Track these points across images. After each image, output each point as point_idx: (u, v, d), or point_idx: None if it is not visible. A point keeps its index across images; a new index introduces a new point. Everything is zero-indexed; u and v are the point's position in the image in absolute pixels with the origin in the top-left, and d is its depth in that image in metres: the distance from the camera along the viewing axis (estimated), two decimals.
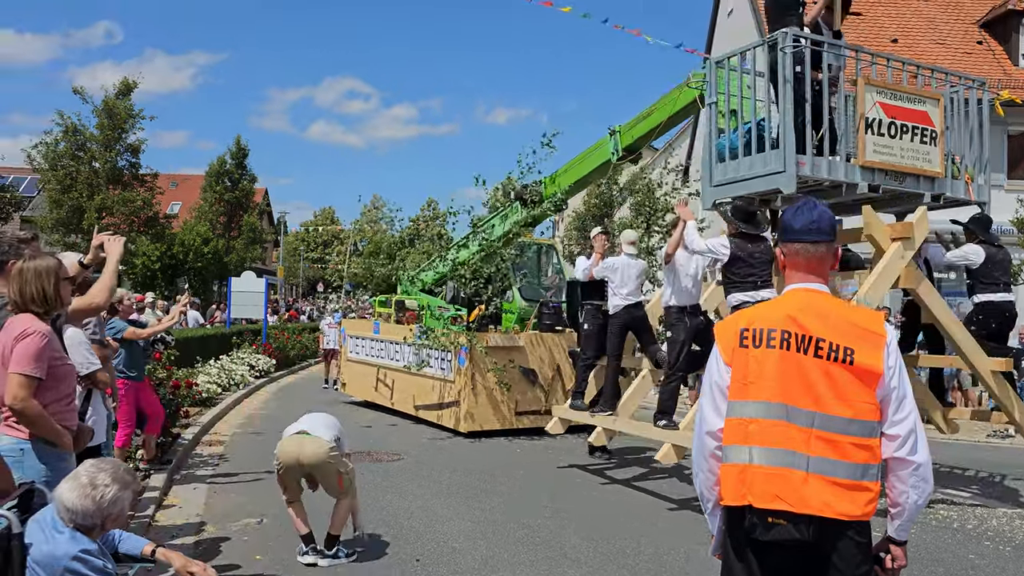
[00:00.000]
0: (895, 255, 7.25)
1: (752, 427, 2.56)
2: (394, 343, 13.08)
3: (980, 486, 8.87)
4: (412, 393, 12.48)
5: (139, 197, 30.07)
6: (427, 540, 6.23)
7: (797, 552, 2.50)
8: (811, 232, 2.68)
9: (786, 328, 2.57)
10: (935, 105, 7.62)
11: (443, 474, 8.68)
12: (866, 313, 2.66)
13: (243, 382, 15.56)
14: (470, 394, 11.07)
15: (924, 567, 5.93)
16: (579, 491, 8.10)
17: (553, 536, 6.42)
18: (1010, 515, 7.53)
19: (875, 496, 2.50)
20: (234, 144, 42.19)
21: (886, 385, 2.51)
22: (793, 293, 2.69)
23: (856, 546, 2.49)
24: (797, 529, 2.46)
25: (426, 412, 12.08)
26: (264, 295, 20.76)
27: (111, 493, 3.04)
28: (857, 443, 2.48)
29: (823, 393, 2.50)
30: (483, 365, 11.01)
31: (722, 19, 27.87)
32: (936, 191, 7.72)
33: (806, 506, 2.45)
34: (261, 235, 46.92)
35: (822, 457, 2.47)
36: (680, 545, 6.22)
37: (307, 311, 41.02)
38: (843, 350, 2.50)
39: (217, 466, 8.92)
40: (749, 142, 7.45)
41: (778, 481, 2.49)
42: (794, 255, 2.72)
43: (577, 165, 11.49)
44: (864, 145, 7.17)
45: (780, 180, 7.05)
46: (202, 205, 41.45)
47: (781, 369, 2.55)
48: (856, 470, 2.47)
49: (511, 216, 12.35)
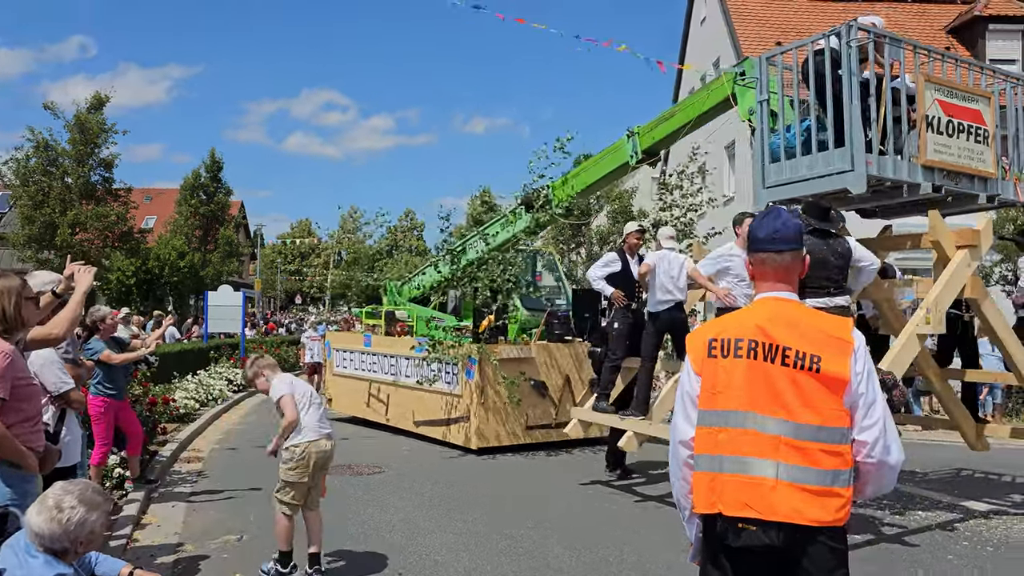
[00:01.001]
0: (962, 263, 6.96)
1: (721, 436, 2.59)
2: (389, 356, 12.49)
3: (958, 486, 8.95)
4: (411, 409, 11.89)
5: (113, 212, 29.80)
6: (409, 553, 6.19)
7: (769, 557, 2.53)
8: (776, 241, 2.71)
9: (754, 337, 2.60)
10: (987, 104, 7.36)
11: (424, 486, 8.63)
12: (834, 320, 2.67)
13: (221, 397, 15.42)
14: (480, 409, 10.53)
15: (903, 568, 5.98)
16: (562, 500, 8.09)
17: (536, 547, 6.40)
18: (988, 516, 7.60)
19: (847, 502, 2.52)
20: (209, 157, 42.03)
21: (854, 392, 2.53)
22: (762, 302, 2.72)
23: (830, 551, 2.51)
24: (767, 535, 2.49)
25: (429, 429, 11.48)
26: (241, 309, 20.63)
27: (78, 516, 2.99)
28: (827, 450, 2.50)
29: (791, 401, 2.52)
30: (494, 378, 10.53)
31: (695, 27, 28.14)
32: (990, 192, 7.45)
33: (774, 513, 2.48)
34: (238, 248, 46.66)
35: (791, 464, 2.49)
36: (663, 553, 6.22)
37: (286, 324, 40.76)
38: (810, 358, 2.52)
39: (195, 483, 8.82)
40: (807, 141, 7.09)
41: (747, 489, 2.52)
42: (761, 264, 2.74)
43: (591, 168, 11.02)
44: (925, 144, 6.88)
45: (848, 179, 6.70)
46: (177, 219, 41.20)
47: (749, 378, 2.57)
48: (826, 477, 2.49)
49: (514, 223, 11.83)
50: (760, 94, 7.49)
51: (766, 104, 7.44)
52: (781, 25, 23.35)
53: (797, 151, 7.15)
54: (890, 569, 5.98)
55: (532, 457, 10.43)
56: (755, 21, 23.50)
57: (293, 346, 24.98)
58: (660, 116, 9.98)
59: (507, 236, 11.94)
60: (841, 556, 2.54)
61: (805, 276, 6.70)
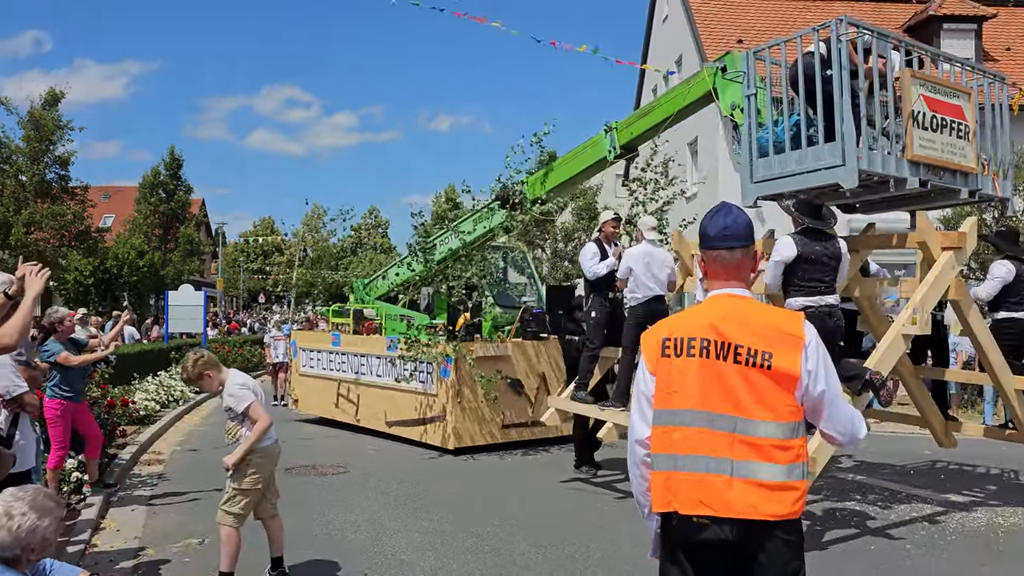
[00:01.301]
0: (947, 265, 6.97)
1: (676, 435, 2.61)
2: (360, 356, 12.24)
3: (915, 477, 9.13)
4: (383, 409, 11.65)
5: (69, 211, 29.18)
6: (374, 553, 6.15)
7: (726, 553, 2.55)
8: (726, 238, 2.72)
9: (706, 336, 2.61)
10: (967, 100, 7.39)
11: (390, 485, 8.59)
12: (786, 316, 2.68)
13: (183, 398, 15.21)
14: (456, 408, 10.36)
15: (859, 557, 6.07)
16: (531, 498, 8.09)
17: (502, 544, 6.40)
18: (944, 505, 7.76)
19: (803, 493, 2.55)
20: (168, 154, 41.37)
21: (805, 388, 2.56)
22: (714, 300, 2.73)
23: (784, 544, 2.54)
24: (722, 530, 2.51)
25: (403, 429, 11.24)
26: (203, 308, 20.34)
27: (28, 523, 2.92)
28: (780, 445, 2.53)
29: (743, 398, 2.54)
30: (470, 377, 10.36)
31: (657, 24, 28.30)
32: (971, 187, 7.47)
33: (730, 510, 2.50)
34: (199, 247, 46.03)
35: (746, 461, 2.52)
36: (630, 548, 6.25)
37: (248, 323, 40.31)
38: (761, 355, 2.54)
39: (156, 486, 8.69)
40: (796, 135, 7.06)
41: (702, 487, 2.54)
42: (712, 262, 2.76)
43: (567, 163, 10.91)
44: (912, 139, 6.88)
45: (839, 174, 6.68)
46: (136, 217, 40.53)
47: (702, 377, 2.59)
48: (781, 471, 2.52)
49: (487, 219, 11.67)
50: (747, 88, 7.45)
51: (754, 99, 7.41)
52: (742, 23, 23.58)
53: (786, 146, 7.13)
54: (846, 559, 6.07)
55: (508, 456, 10.37)
56: (717, 19, 23.70)
57: (256, 346, 24.74)
58: (638, 111, 9.90)
59: (482, 232, 11.76)
60: (796, 549, 2.57)
61: (797, 275, 6.65)
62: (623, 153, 10.08)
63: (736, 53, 8.46)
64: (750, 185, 7.46)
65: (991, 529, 6.92)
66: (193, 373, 5.29)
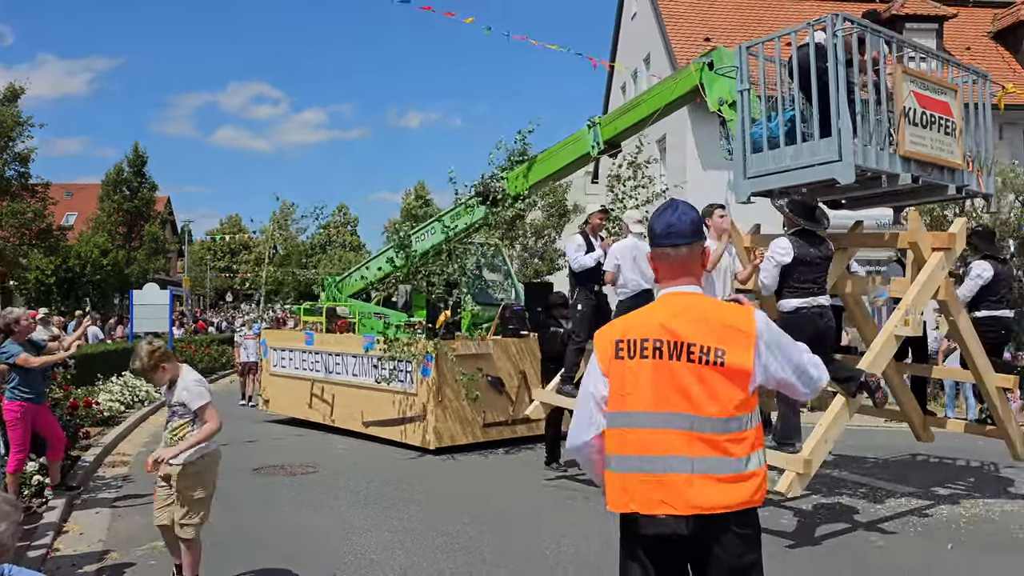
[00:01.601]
0: (937, 266, 7.00)
1: (631, 436, 2.62)
2: (335, 355, 11.99)
3: (882, 470, 9.27)
4: (360, 409, 11.39)
5: (30, 208, 28.70)
6: (344, 553, 6.10)
7: (683, 547, 2.57)
8: (671, 236, 2.72)
9: (659, 337, 2.62)
10: (954, 96, 7.43)
11: (359, 484, 8.53)
12: (736, 312, 2.67)
13: (148, 398, 14.96)
14: (437, 407, 10.18)
15: (829, 551, 6.15)
16: (502, 496, 8.09)
17: (472, 541, 6.38)
18: (912, 499, 7.88)
19: (762, 480, 2.58)
20: (132, 151, 40.78)
21: (760, 380, 2.59)
22: (665, 298, 2.74)
23: (738, 537, 2.55)
24: (678, 524, 2.53)
25: (381, 429, 11.01)
26: (169, 307, 20.03)
27: None
28: (736, 438, 2.55)
29: (697, 396, 2.55)
30: (451, 375, 10.17)
31: (626, 22, 28.41)
32: (958, 183, 7.51)
33: (690, 507, 2.51)
34: (164, 245, 45.47)
35: (704, 457, 2.53)
36: (600, 545, 6.26)
37: (215, 322, 39.85)
38: (715, 352, 2.55)
39: (120, 488, 8.54)
40: (791, 131, 7.02)
41: (661, 487, 2.55)
42: (660, 259, 2.76)
43: (550, 159, 10.79)
44: (904, 135, 6.89)
45: (836, 169, 6.64)
46: (99, 215, 39.93)
47: (656, 379, 2.60)
48: (740, 463, 2.54)
49: (466, 216, 11.47)
50: (740, 83, 7.40)
51: (747, 94, 7.35)
52: (710, 21, 23.75)
53: (781, 141, 7.08)
54: (817, 553, 6.14)
55: (492, 455, 10.27)
56: (684, 17, 23.85)
57: (224, 345, 24.46)
58: (622, 107, 9.87)
59: (462, 227, 11.58)
60: (750, 541, 2.59)
61: (792, 277, 6.62)
62: (606, 149, 10.05)
63: (723, 48, 8.47)
64: (743, 181, 7.41)
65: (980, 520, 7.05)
66: (149, 364, 4.96)
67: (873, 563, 5.92)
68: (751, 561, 2.58)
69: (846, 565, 5.85)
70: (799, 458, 6.35)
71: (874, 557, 6.05)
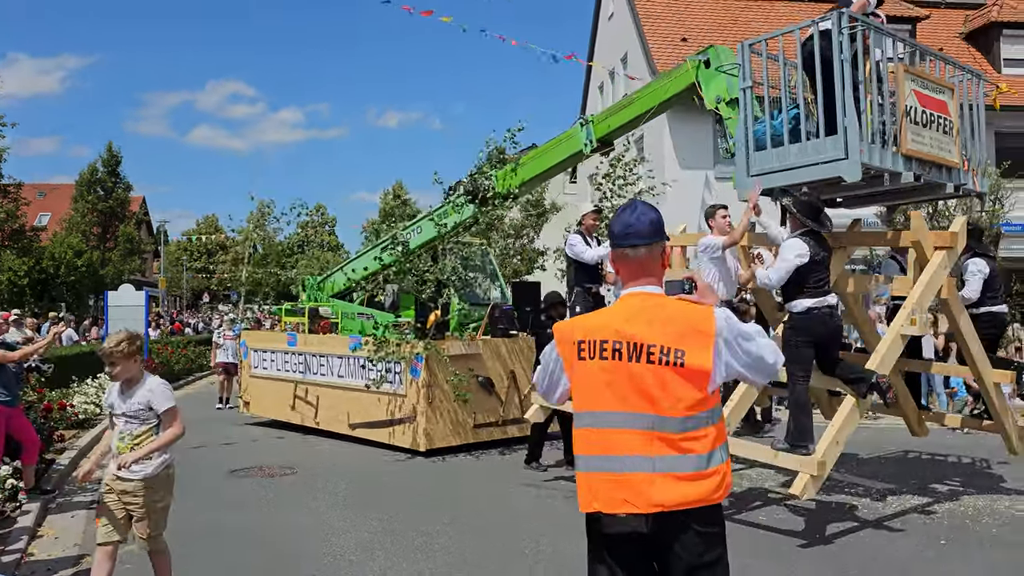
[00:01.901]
0: (940, 264, 7.01)
1: (595, 437, 2.65)
2: (319, 356, 11.78)
3: (876, 468, 9.35)
4: (346, 411, 11.18)
5: (2, 209, 28.35)
6: (323, 554, 6.08)
7: (645, 545, 2.60)
8: (629, 236, 2.72)
9: (617, 339, 2.63)
10: (950, 95, 7.45)
11: (338, 485, 8.50)
12: (696, 312, 2.64)
13: None
14: (428, 408, 10.04)
15: (839, 549, 6.22)
16: (481, 496, 8.09)
17: (452, 542, 6.39)
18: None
19: (723, 475, 2.60)
20: (106, 151, 40.37)
21: (717, 380, 2.59)
22: (625, 299, 2.74)
23: (698, 535, 2.57)
24: (636, 521, 2.55)
25: (368, 431, 10.80)
26: (145, 308, 19.82)
27: None
28: (697, 436, 2.57)
29: (657, 396, 2.57)
30: (442, 376, 10.05)
31: (603, 22, 28.50)
32: (955, 182, 7.53)
33: (651, 505, 2.54)
34: (139, 246, 45.09)
35: (664, 456, 2.55)
36: (579, 542, 6.28)
37: (192, 323, 39.50)
38: (674, 353, 2.56)
39: (96, 491, 8.45)
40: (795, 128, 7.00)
41: (623, 486, 2.57)
42: (619, 260, 2.77)
43: (540, 157, 10.69)
44: (905, 134, 6.88)
45: (842, 167, 6.62)
46: (73, 216, 39.48)
47: (616, 379, 2.62)
48: (701, 461, 2.56)
49: (455, 214, 11.31)
50: (743, 81, 7.36)
51: (750, 91, 7.30)
52: (687, 21, 23.90)
53: (785, 139, 7.04)
54: (777, 545, 6.20)
55: (481, 456, 10.19)
56: (661, 17, 23.97)
57: (201, 346, 24.24)
58: (616, 104, 9.79)
59: (451, 226, 11.43)
60: (712, 539, 2.60)
61: (805, 278, 6.59)
62: (599, 147, 10.00)
63: (719, 46, 8.45)
64: (746, 178, 7.38)
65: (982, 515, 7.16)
66: (128, 348, 4.57)
67: (880, 560, 5.97)
68: (714, 559, 2.59)
69: (854, 564, 5.88)
70: (813, 460, 6.34)
71: (881, 554, 6.10)
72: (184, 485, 8.47)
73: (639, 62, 23.40)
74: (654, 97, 9.19)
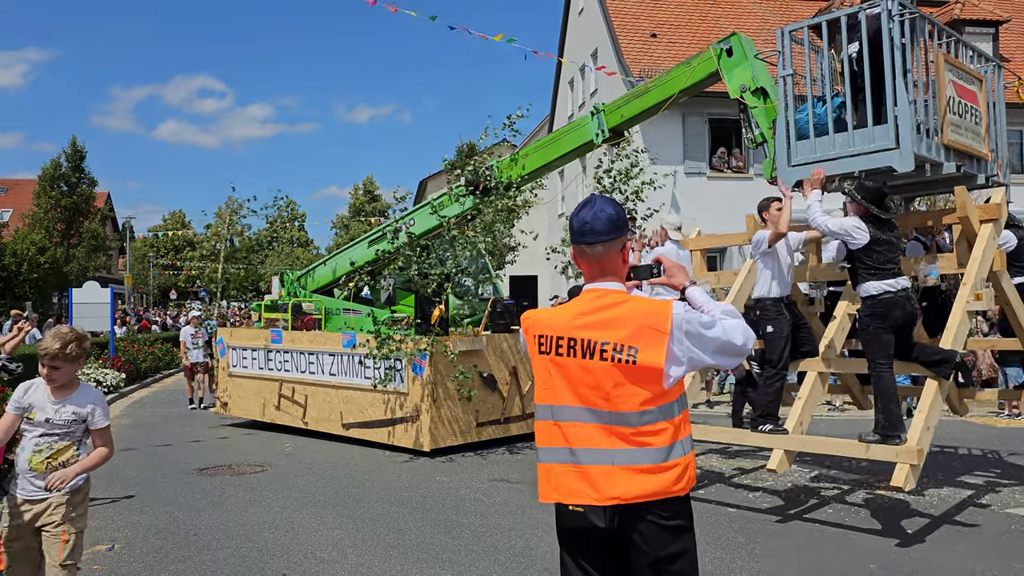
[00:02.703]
0: (989, 237, 6.85)
1: (554, 429, 2.68)
2: (307, 353, 11.35)
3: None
4: (338, 410, 10.81)
5: None
6: (293, 553, 6.04)
7: (606, 538, 2.61)
8: (585, 234, 2.69)
9: (572, 335, 2.64)
10: (979, 87, 7.38)
11: (309, 482, 8.45)
12: (651, 310, 2.60)
13: None
14: (431, 407, 9.73)
15: (769, 537, 6.28)
16: (447, 491, 8.08)
17: (424, 539, 6.37)
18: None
19: (684, 469, 2.59)
20: (69, 146, 39.68)
21: (674, 375, 2.57)
22: (583, 295, 2.74)
23: (661, 528, 2.57)
24: (595, 515, 2.56)
25: (364, 431, 10.47)
26: (110, 305, 19.57)
27: None
28: (656, 430, 2.57)
29: (612, 392, 2.57)
30: (446, 373, 9.77)
31: (573, 17, 28.54)
32: (986, 172, 7.45)
33: (609, 497, 2.55)
34: (104, 242, 44.35)
35: (623, 449, 2.56)
36: (548, 537, 6.27)
37: (159, 320, 39.01)
38: (627, 350, 2.55)
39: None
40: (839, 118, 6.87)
41: (581, 477, 2.60)
42: (579, 256, 2.75)
43: (548, 146, 10.35)
44: (946, 125, 6.76)
45: (894, 158, 6.48)
46: (36, 212, 38.74)
47: (570, 375, 2.64)
48: (660, 454, 2.56)
49: (455, 204, 10.88)
50: (783, 68, 7.18)
51: (790, 79, 7.13)
52: (657, 17, 23.99)
53: (829, 128, 6.91)
54: (747, 532, 6.27)
55: (490, 455, 10.01)
56: (631, 13, 24.04)
57: (168, 343, 23.93)
58: (630, 93, 9.56)
59: (452, 215, 10.97)
60: (676, 532, 2.59)
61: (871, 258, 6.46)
62: (611, 137, 9.74)
63: (742, 35, 8.33)
64: (787, 168, 7.24)
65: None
66: (79, 351, 4.14)
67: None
68: (678, 551, 2.57)
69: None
70: (911, 449, 6.12)
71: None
72: (153, 484, 8.41)
73: (609, 57, 23.47)
74: (672, 86, 8.91)
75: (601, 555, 2.64)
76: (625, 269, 2.75)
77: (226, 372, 12.83)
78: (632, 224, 8.79)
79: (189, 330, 15.54)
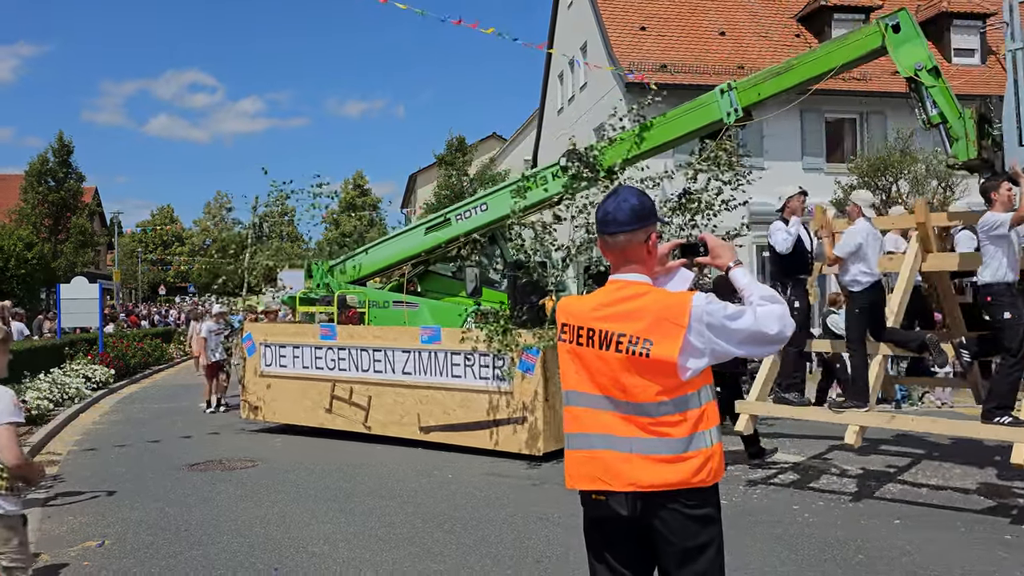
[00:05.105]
0: None
1: (578, 416, 2.72)
2: (374, 350, 10.36)
3: (815, 447, 9.54)
4: (415, 412, 9.93)
5: None
6: (285, 547, 6.04)
7: (630, 525, 2.63)
8: (608, 223, 2.69)
9: (591, 326, 2.67)
10: None
11: (300, 476, 8.45)
12: (670, 303, 2.60)
13: (78, 396, 14.54)
14: (543, 406, 8.94)
15: (765, 528, 6.32)
16: (438, 485, 8.09)
17: (415, 532, 6.38)
18: (842, 474, 8.14)
19: (706, 460, 2.57)
20: (56, 140, 39.37)
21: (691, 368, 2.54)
22: (607, 286, 2.76)
23: (687, 518, 2.57)
24: (617, 503, 2.58)
25: (450, 435, 9.63)
26: (99, 301, 19.47)
27: None
28: (673, 420, 2.57)
29: (628, 383, 2.59)
30: (554, 369, 8.63)
31: (562, 10, 28.48)
32: None
33: (626, 483, 2.57)
34: (92, 238, 44.06)
35: (641, 438, 2.58)
36: (541, 529, 6.34)
37: (148, 315, 38.86)
38: (642, 343, 2.56)
39: (51, 488, 8.29)
40: None
41: (597, 464, 2.63)
42: (603, 247, 2.77)
43: (671, 123, 9.58)
44: None
45: None
46: (23, 207, 38.42)
47: (589, 364, 2.68)
48: (679, 445, 2.56)
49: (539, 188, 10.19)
50: (1014, 42, 6.69)
51: (1021, 53, 6.67)
52: (646, 10, 23.97)
53: None
54: (749, 526, 6.30)
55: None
56: (620, 6, 24.01)
57: (158, 339, 23.84)
58: (769, 70, 8.98)
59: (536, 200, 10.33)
60: (703, 522, 2.58)
61: None
62: (744, 116, 9.07)
63: (909, 11, 7.89)
64: (1017, 148, 6.75)
65: None
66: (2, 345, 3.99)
67: None
68: (705, 542, 2.57)
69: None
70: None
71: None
72: (143, 480, 8.39)
73: (598, 50, 23.46)
74: (824, 63, 8.36)
75: (626, 547, 2.66)
76: (651, 260, 2.71)
77: (256, 372, 11.58)
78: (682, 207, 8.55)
79: (211, 326, 14.02)
